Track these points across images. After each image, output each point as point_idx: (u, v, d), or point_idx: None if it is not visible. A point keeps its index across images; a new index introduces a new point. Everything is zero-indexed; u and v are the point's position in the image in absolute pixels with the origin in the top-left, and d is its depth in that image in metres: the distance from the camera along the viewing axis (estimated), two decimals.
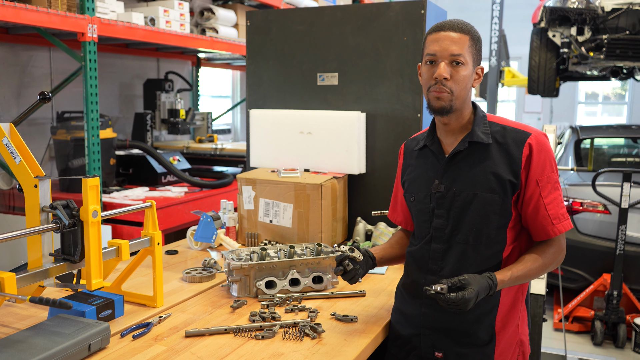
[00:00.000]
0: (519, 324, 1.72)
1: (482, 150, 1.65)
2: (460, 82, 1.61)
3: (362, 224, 2.63)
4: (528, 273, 1.62)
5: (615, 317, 4.36)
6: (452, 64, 1.61)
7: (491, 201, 1.62)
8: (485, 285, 1.54)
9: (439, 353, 1.70)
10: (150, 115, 4.96)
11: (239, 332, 1.67)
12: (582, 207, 4.78)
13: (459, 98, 1.63)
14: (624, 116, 12.66)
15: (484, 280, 1.54)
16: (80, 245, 1.63)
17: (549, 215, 1.63)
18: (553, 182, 1.64)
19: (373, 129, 2.67)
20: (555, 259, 1.67)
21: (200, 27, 4.74)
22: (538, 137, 1.64)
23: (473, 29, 1.66)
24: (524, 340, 1.74)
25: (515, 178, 1.61)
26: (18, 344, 1.41)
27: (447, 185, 1.68)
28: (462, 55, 1.60)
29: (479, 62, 1.68)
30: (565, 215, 1.65)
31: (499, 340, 1.67)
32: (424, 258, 1.73)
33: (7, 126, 1.70)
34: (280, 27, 2.83)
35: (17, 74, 4.14)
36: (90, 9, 3.42)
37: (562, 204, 1.66)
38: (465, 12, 11.09)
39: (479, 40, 1.67)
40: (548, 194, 1.63)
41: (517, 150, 1.62)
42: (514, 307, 1.70)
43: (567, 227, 1.66)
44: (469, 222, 1.64)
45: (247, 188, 2.63)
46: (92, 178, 1.60)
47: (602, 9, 5.41)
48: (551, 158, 1.64)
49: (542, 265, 1.64)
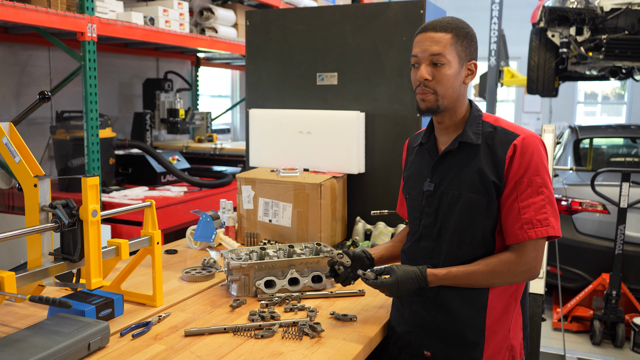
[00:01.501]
0: (510, 328, 1.67)
1: (471, 150, 1.64)
2: (444, 81, 1.61)
3: (362, 224, 2.63)
4: (472, 276, 1.58)
5: (614, 317, 4.36)
6: (433, 64, 1.61)
7: (476, 202, 1.61)
8: (412, 276, 1.60)
9: (428, 352, 1.70)
10: (149, 115, 4.96)
11: (238, 332, 1.67)
12: (581, 207, 4.78)
13: (446, 97, 1.62)
14: (623, 116, 12.67)
15: (410, 271, 1.61)
16: (80, 245, 1.63)
17: (521, 218, 1.56)
18: (536, 186, 1.57)
19: (372, 129, 2.68)
20: (510, 270, 1.57)
21: (199, 27, 4.74)
22: (527, 138, 1.59)
23: (459, 26, 1.62)
24: (515, 345, 1.69)
25: (499, 180, 1.59)
26: (18, 343, 1.41)
27: (436, 184, 1.69)
28: (443, 54, 1.59)
29: (469, 58, 1.64)
30: (544, 222, 1.56)
31: (488, 343, 1.64)
32: (415, 256, 1.74)
33: (6, 126, 1.70)
34: (279, 27, 2.83)
35: (17, 74, 4.14)
36: (90, 9, 3.42)
37: (544, 210, 1.56)
38: (464, 12, 11.09)
39: (466, 36, 1.62)
40: (526, 197, 1.57)
41: (502, 152, 1.59)
42: (506, 311, 1.66)
43: (540, 234, 1.55)
44: (455, 222, 1.64)
45: (247, 188, 2.63)
46: (92, 177, 1.60)
47: (601, 9, 5.41)
48: (538, 161, 1.58)
49: (490, 272, 1.57)
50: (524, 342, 1.73)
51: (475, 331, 1.64)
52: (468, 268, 1.60)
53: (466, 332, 1.64)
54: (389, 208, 2.55)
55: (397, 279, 1.60)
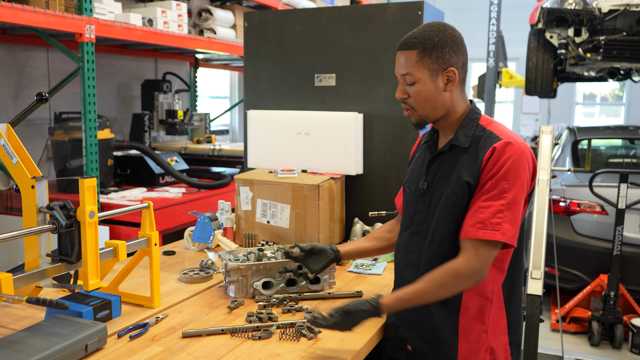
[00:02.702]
0: (488, 330, 1.66)
1: (460, 152, 1.67)
2: (417, 98, 1.66)
3: (360, 225, 2.63)
4: (420, 295, 1.58)
5: (612, 318, 4.37)
6: (406, 82, 1.67)
7: (452, 202, 1.63)
8: (365, 309, 1.56)
9: (410, 346, 1.75)
10: (148, 116, 4.96)
11: (236, 333, 1.67)
12: (579, 208, 4.79)
13: (424, 111, 1.67)
14: (622, 117, 12.69)
15: (360, 304, 1.57)
16: (77, 246, 1.63)
17: (476, 216, 1.56)
18: (500, 190, 1.55)
19: (370, 130, 2.68)
20: (456, 279, 1.55)
21: (198, 28, 4.74)
22: (509, 144, 1.57)
23: (426, 37, 1.61)
24: (496, 348, 1.66)
25: (474, 180, 1.60)
26: (15, 345, 1.41)
27: (429, 183, 1.73)
28: (410, 73, 1.64)
29: (444, 66, 1.62)
30: (496, 226, 1.53)
31: (462, 342, 1.65)
32: (407, 251, 1.78)
33: (4, 127, 1.70)
34: (278, 28, 2.83)
35: (15, 75, 4.14)
36: (88, 10, 3.42)
37: (500, 215, 1.54)
38: (462, 13, 11.11)
39: (434, 47, 1.60)
40: (489, 198, 1.56)
41: (482, 153, 1.60)
42: (481, 312, 1.65)
43: (488, 236, 1.53)
44: (437, 220, 1.67)
45: (245, 189, 2.63)
46: (89, 179, 1.60)
47: (599, 10, 5.42)
48: (512, 167, 1.55)
49: (437, 286, 1.56)
50: (511, 348, 1.70)
51: (449, 329, 1.66)
52: (415, 287, 1.59)
53: (442, 330, 1.67)
54: (387, 209, 2.55)
55: (348, 310, 1.56)
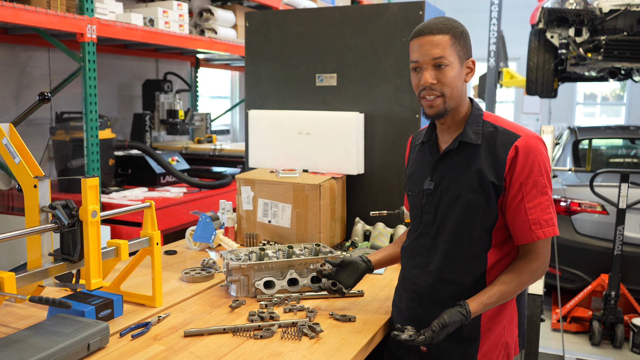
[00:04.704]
0: (505, 325, 1.69)
1: (471, 150, 1.65)
2: (449, 83, 1.61)
3: (361, 225, 2.64)
4: (503, 297, 1.60)
5: (613, 318, 4.37)
6: (437, 67, 1.61)
7: (475, 202, 1.62)
8: (458, 319, 1.55)
9: (424, 347, 1.72)
10: (149, 116, 4.96)
11: (238, 332, 1.68)
12: (580, 208, 4.79)
13: (452, 99, 1.63)
14: (622, 117, 12.68)
15: (453, 315, 1.55)
16: (80, 245, 1.64)
17: (528, 220, 1.59)
18: (540, 187, 1.59)
19: (371, 130, 2.68)
20: (534, 275, 1.62)
21: (199, 28, 4.74)
22: (528, 139, 1.60)
23: (454, 25, 1.62)
24: (510, 342, 1.70)
25: (498, 180, 1.59)
26: (17, 344, 1.41)
27: (436, 183, 1.70)
28: (445, 57, 1.59)
29: (467, 56, 1.65)
30: (549, 221, 1.60)
31: (484, 341, 1.66)
32: (414, 253, 1.76)
33: (6, 126, 1.70)
34: (279, 28, 2.83)
35: (16, 75, 4.14)
36: (89, 10, 3.42)
37: (549, 210, 1.60)
38: (463, 13, 11.10)
39: (462, 35, 1.63)
40: (532, 198, 1.58)
41: (503, 153, 1.60)
42: (502, 309, 1.67)
43: (548, 234, 1.60)
44: (453, 221, 1.65)
45: (246, 188, 2.63)
46: (91, 178, 1.61)
47: (600, 10, 5.42)
48: (540, 161, 1.59)
49: (518, 285, 1.60)
50: (519, 340, 1.75)
51: (472, 328, 1.65)
52: (497, 289, 1.59)
53: (462, 329, 1.63)
54: (388, 209, 2.55)
55: (447, 323, 1.53)
